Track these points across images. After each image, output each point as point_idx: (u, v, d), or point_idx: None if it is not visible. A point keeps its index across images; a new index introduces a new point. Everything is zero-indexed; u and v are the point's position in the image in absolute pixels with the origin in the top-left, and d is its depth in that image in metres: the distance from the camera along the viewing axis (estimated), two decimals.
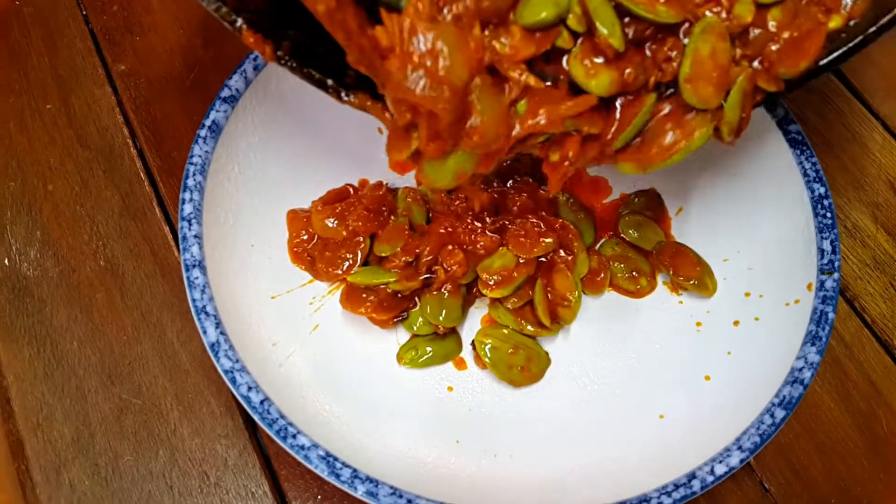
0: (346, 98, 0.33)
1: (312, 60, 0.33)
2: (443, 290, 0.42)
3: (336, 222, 0.43)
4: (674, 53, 0.31)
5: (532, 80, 0.30)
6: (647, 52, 0.31)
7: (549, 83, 0.31)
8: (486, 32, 0.30)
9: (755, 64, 0.32)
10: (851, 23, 0.33)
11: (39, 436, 0.41)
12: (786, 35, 0.32)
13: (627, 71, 0.30)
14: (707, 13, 0.31)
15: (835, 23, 0.32)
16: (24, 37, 0.52)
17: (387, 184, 0.45)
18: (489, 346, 0.41)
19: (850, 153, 0.50)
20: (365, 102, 0.33)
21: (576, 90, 0.31)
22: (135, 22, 0.52)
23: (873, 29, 0.32)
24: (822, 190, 0.39)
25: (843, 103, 0.51)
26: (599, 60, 0.30)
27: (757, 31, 0.32)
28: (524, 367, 0.41)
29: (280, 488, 0.41)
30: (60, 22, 0.52)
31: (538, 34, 0.30)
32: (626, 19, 0.30)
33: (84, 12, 0.53)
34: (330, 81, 0.33)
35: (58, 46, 0.51)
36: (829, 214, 0.39)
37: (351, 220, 0.43)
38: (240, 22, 0.31)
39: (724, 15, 0.31)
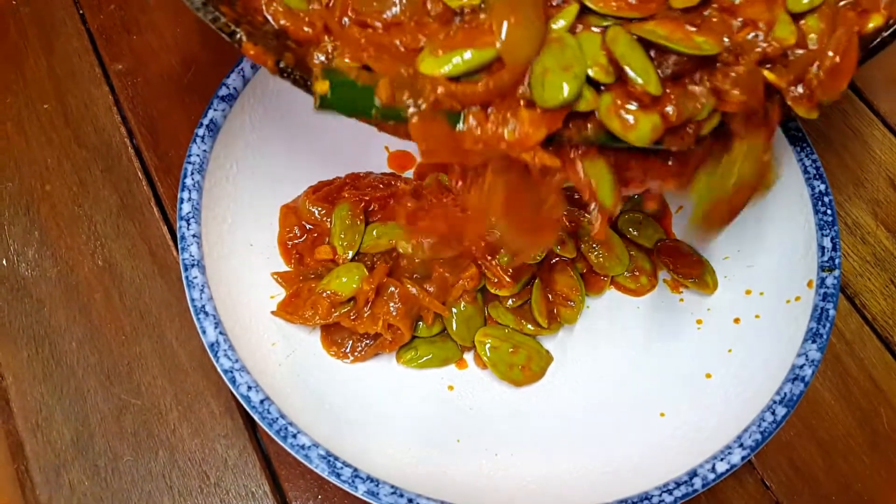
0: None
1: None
2: (460, 302, 0.41)
3: (322, 211, 0.42)
4: (736, 91, 0.29)
5: (547, 159, 0.28)
6: (696, 85, 0.29)
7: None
8: (490, 115, 0.28)
9: (799, 89, 0.30)
10: (891, 21, 0.31)
11: (39, 436, 0.41)
12: (830, 54, 0.30)
13: (668, 109, 0.28)
14: (748, 37, 0.29)
15: (875, 22, 0.31)
16: (20, 37, 0.51)
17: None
18: (489, 345, 0.41)
19: (851, 150, 0.50)
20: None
21: (612, 137, 0.29)
22: (132, 21, 0.52)
23: None
24: (822, 187, 0.39)
25: (843, 100, 0.51)
26: (633, 107, 0.28)
27: (799, 52, 0.30)
28: (525, 367, 0.41)
29: (280, 488, 0.40)
30: (57, 21, 0.52)
31: (549, 114, 0.28)
32: (652, 52, 0.28)
33: (81, 11, 0.53)
34: None
35: (54, 46, 0.51)
36: (829, 211, 0.39)
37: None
38: (240, 34, 0.30)
39: (761, 38, 0.29)
